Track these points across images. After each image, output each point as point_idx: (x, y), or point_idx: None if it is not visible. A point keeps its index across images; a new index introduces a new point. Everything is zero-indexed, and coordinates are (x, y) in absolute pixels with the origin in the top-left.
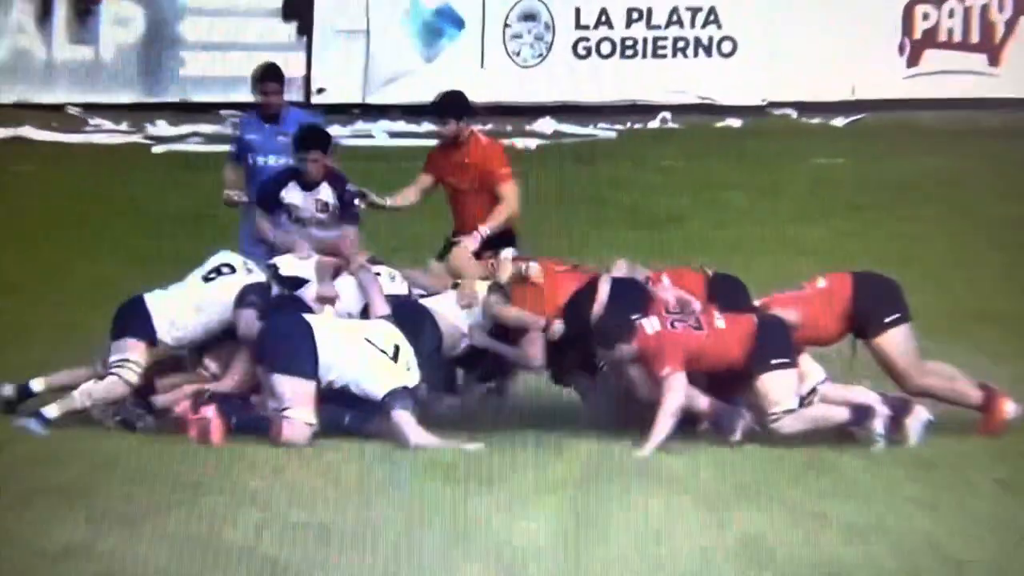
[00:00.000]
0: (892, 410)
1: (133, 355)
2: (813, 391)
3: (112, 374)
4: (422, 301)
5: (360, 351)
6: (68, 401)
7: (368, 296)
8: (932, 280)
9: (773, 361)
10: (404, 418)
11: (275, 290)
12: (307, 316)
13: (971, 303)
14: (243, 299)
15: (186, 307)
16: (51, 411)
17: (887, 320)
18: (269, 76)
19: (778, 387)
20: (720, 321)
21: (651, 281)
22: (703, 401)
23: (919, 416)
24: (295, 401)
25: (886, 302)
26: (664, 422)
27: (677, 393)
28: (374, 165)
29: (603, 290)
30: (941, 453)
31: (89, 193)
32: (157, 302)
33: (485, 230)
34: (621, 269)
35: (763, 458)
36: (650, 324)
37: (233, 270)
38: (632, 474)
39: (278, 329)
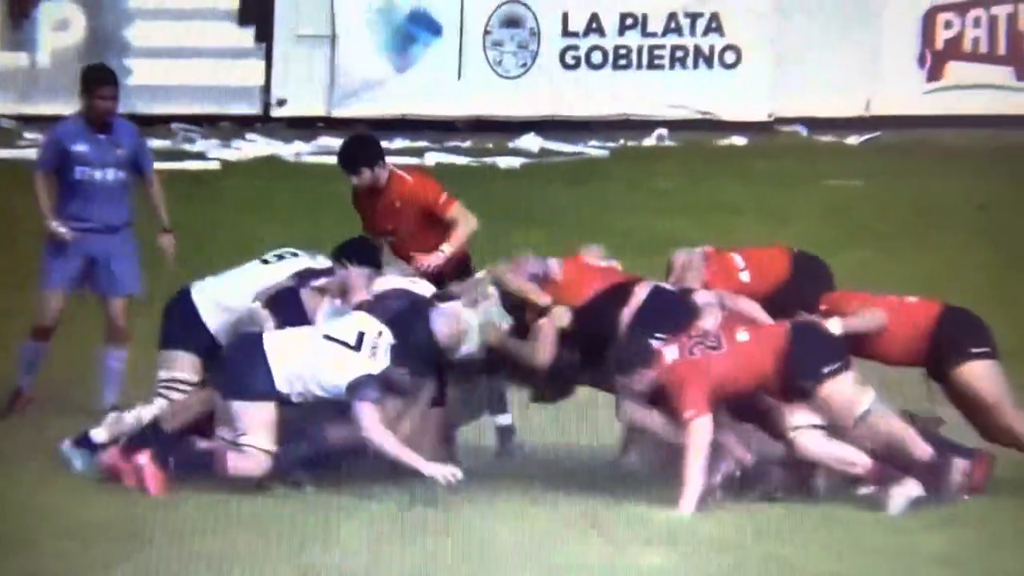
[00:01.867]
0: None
1: (181, 372)
2: (863, 417)
3: (160, 396)
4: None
5: (315, 349)
6: (118, 425)
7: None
8: None
9: (825, 369)
10: (364, 409)
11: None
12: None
13: (1008, 340)
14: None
15: (241, 295)
16: (99, 435)
17: (974, 350)
18: (109, 80)
19: (844, 391)
20: (743, 334)
21: (708, 258)
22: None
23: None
24: (253, 427)
25: (974, 334)
26: (694, 476)
27: (702, 439)
28: (339, 186)
29: (639, 296)
30: (964, 507)
31: (19, 216)
32: (204, 297)
33: (447, 247)
34: (680, 259)
35: (765, 513)
36: (670, 352)
37: (296, 255)
38: (623, 527)
39: (228, 351)
